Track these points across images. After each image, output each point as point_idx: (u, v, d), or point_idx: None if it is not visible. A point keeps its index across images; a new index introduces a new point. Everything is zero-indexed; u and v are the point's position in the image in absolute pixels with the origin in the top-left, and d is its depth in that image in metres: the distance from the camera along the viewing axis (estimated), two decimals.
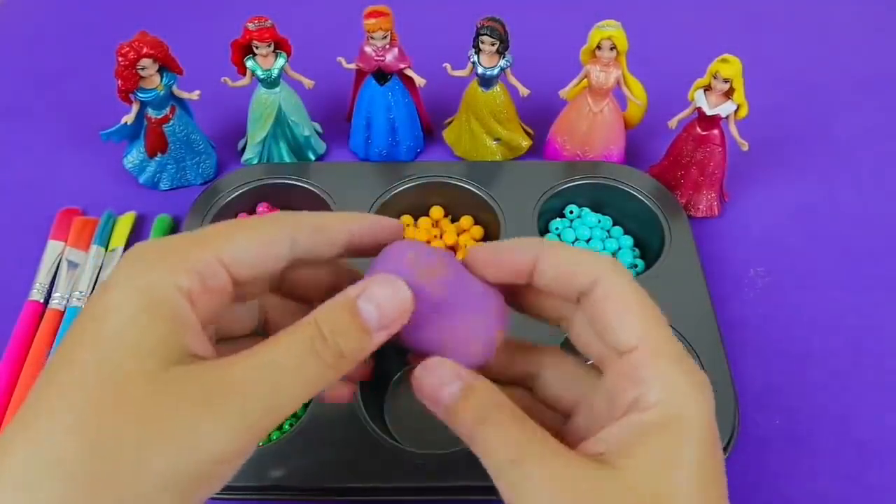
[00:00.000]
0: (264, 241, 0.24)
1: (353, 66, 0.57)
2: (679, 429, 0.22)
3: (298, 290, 0.29)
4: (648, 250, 0.54)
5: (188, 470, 0.21)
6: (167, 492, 0.20)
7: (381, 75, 0.57)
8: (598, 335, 0.25)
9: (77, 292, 0.51)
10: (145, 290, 0.22)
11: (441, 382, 0.25)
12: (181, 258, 0.23)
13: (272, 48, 0.55)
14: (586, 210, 0.56)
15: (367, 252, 0.28)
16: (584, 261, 0.25)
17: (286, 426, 0.46)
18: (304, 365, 0.23)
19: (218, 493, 0.42)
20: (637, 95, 0.56)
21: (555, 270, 0.26)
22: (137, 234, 0.57)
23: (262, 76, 0.56)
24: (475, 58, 0.55)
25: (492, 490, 0.24)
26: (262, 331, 0.29)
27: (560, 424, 0.28)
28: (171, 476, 0.20)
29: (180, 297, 0.22)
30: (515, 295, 0.28)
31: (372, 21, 0.53)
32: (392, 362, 0.48)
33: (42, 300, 0.51)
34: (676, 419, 0.22)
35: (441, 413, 0.25)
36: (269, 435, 0.45)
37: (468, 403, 0.24)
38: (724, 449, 0.42)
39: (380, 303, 0.24)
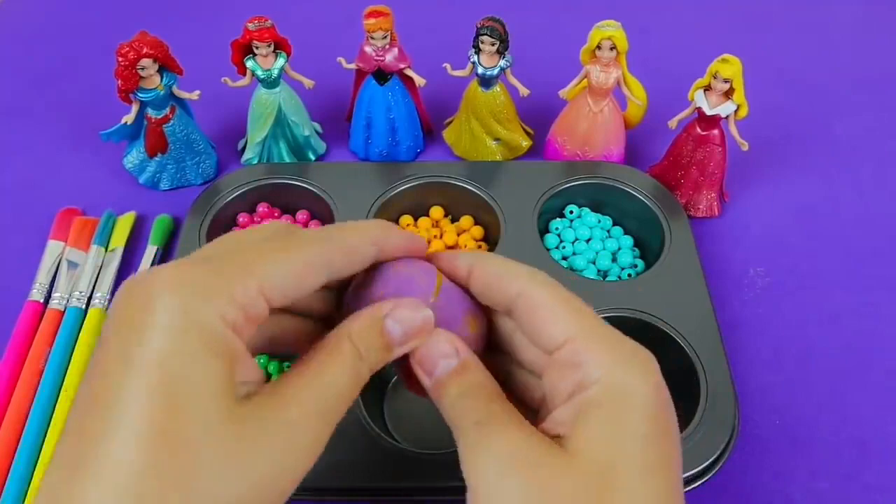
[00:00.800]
0: (303, 270, 0.25)
1: (353, 66, 0.57)
2: (623, 401, 0.24)
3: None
4: (648, 250, 0.54)
5: (267, 495, 0.22)
6: None
7: (381, 75, 0.57)
8: (531, 342, 0.27)
9: (77, 292, 0.51)
10: (199, 327, 0.21)
11: (440, 354, 0.26)
12: (222, 287, 0.22)
13: (272, 48, 0.55)
14: (586, 210, 0.56)
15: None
16: (507, 272, 0.27)
17: None
18: (352, 383, 0.25)
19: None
20: (637, 95, 0.56)
21: (482, 282, 0.28)
22: (137, 234, 0.57)
23: (262, 76, 0.56)
24: (475, 58, 0.55)
25: None
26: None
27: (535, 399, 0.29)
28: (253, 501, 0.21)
29: (227, 329, 0.22)
30: None
31: (372, 21, 0.53)
32: (391, 363, 0.48)
33: (42, 300, 0.51)
34: (619, 393, 0.24)
35: (428, 382, 0.27)
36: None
37: (459, 379, 0.26)
38: (724, 449, 0.42)
39: (405, 324, 0.26)
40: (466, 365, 0.26)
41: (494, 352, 0.30)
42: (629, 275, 0.53)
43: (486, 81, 0.57)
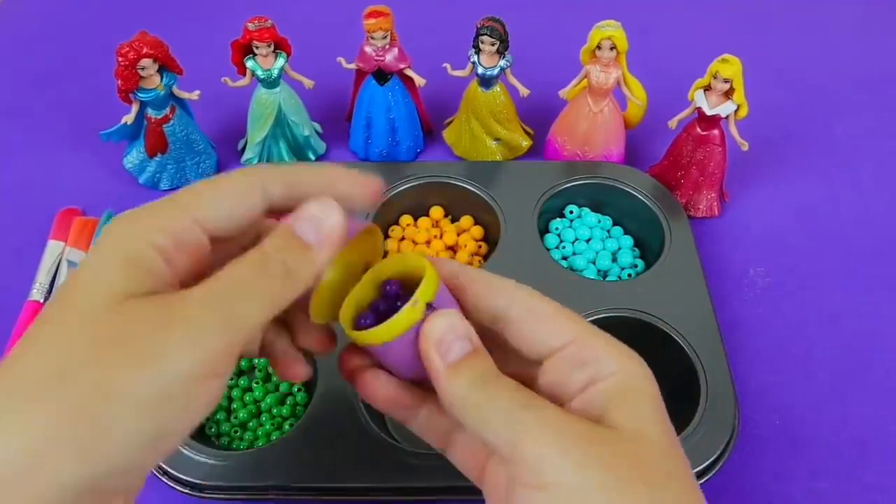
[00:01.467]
0: (233, 192, 0.25)
1: (353, 66, 0.57)
2: (640, 388, 0.25)
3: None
4: (648, 250, 0.54)
5: (158, 389, 0.21)
6: (140, 411, 0.21)
7: (381, 75, 0.57)
8: (525, 350, 0.27)
9: None
10: (119, 245, 0.23)
11: (457, 335, 0.26)
12: (154, 219, 0.24)
13: (272, 48, 0.55)
14: (586, 210, 0.56)
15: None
16: (496, 282, 0.28)
17: (286, 426, 0.46)
18: (255, 278, 0.24)
19: (218, 494, 0.42)
20: (637, 95, 0.56)
21: (473, 291, 0.28)
22: None
23: (262, 76, 0.56)
24: (475, 58, 0.55)
25: None
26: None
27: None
28: (143, 395, 0.21)
29: (153, 252, 0.23)
30: None
31: (372, 21, 0.53)
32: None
33: (42, 300, 0.51)
34: (635, 384, 0.25)
35: (442, 365, 0.25)
36: (269, 435, 0.45)
37: (472, 363, 0.25)
38: (724, 449, 0.42)
39: (313, 218, 0.26)
40: (479, 350, 0.26)
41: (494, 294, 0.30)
42: (629, 275, 0.53)
43: (486, 81, 0.57)
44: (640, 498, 0.22)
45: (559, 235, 0.55)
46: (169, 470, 0.41)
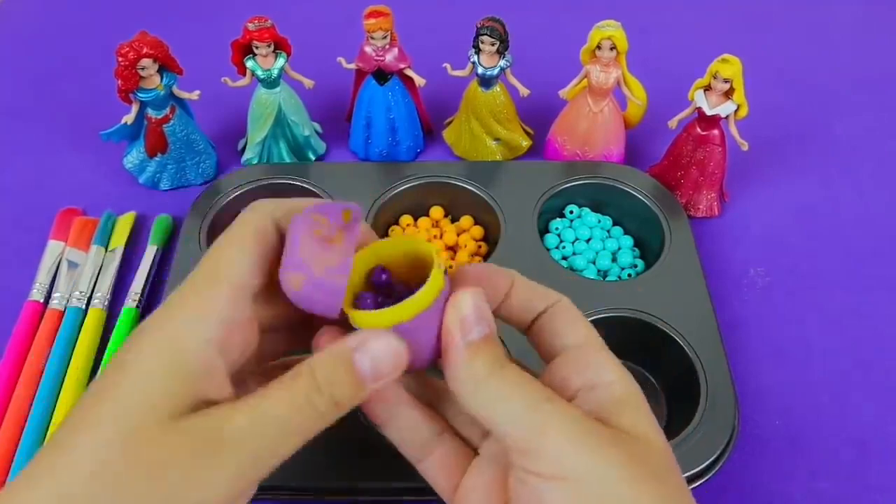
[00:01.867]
0: (254, 240, 0.26)
1: (353, 66, 0.57)
2: (636, 400, 0.27)
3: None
4: (648, 250, 0.54)
5: None
6: None
7: (381, 75, 0.57)
8: (549, 340, 0.28)
9: (77, 292, 0.51)
10: (170, 343, 0.23)
11: (478, 316, 0.26)
12: (200, 305, 0.24)
13: (272, 48, 0.55)
14: (586, 210, 0.56)
15: None
16: (544, 291, 0.29)
17: None
18: (299, 416, 0.24)
19: None
20: (637, 95, 0.56)
21: (523, 294, 0.29)
22: (137, 234, 0.57)
23: (262, 76, 0.56)
24: (475, 58, 0.55)
25: None
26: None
27: None
28: None
29: (206, 347, 0.23)
30: None
31: (372, 21, 0.53)
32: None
33: (42, 300, 0.51)
34: (633, 393, 0.27)
35: (457, 345, 0.25)
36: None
37: (488, 348, 0.25)
38: (724, 449, 0.42)
39: (375, 356, 0.25)
40: (496, 336, 0.26)
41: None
42: (629, 275, 0.53)
43: (486, 81, 0.57)
44: (651, 492, 0.24)
45: (559, 235, 0.55)
46: None
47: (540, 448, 0.24)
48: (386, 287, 0.27)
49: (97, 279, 0.52)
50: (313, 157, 0.62)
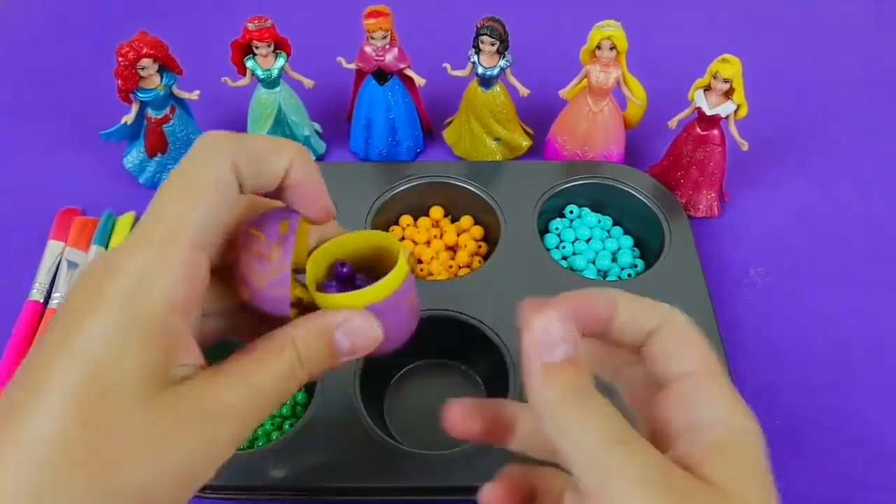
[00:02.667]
0: (213, 196, 0.24)
1: (353, 66, 0.57)
2: (742, 445, 0.24)
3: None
4: (648, 250, 0.54)
5: (178, 488, 0.22)
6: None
7: (381, 75, 0.57)
8: (660, 366, 0.26)
9: None
10: (134, 317, 0.22)
11: (560, 337, 0.24)
12: (162, 270, 0.22)
13: (272, 48, 0.55)
14: (586, 210, 0.56)
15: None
16: (651, 306, 0.26)
17: (286, 426, 0.46)
18: (283, 388, 0.24)
19: (218, 494, 0.42)
20: (637, 95, 0.56)
21: (629, 314, 0.26)
22: None
23: (262, 76, 0.56)
24: (475, 58, 0.55)
25: None
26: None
27: None
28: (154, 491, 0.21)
29: (173, 314, 0.22)
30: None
31: (372, 21, 0.53)
32: (391, 362, 0.48)
33: (42, 300, 0.51)
34: (738, 437, 0.24)
35: (533, 368, 0.24)
36: (270, 435, 0.45)
37: (574, 370, 0.23)
38: None
39: (355, 334, 0.25)
40: (580, 361, 0.23)
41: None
42: (629, 275, 0.53)
43: (486, 81, 0.57)
44: None
45: (559, 235, 0.55)
46: None
47: (603, 492, 0.22)
48: (347, 278, 0.28)
49: None
50: (313, 157, 0.61)
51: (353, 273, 0.28)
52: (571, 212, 0.56)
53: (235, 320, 0.28)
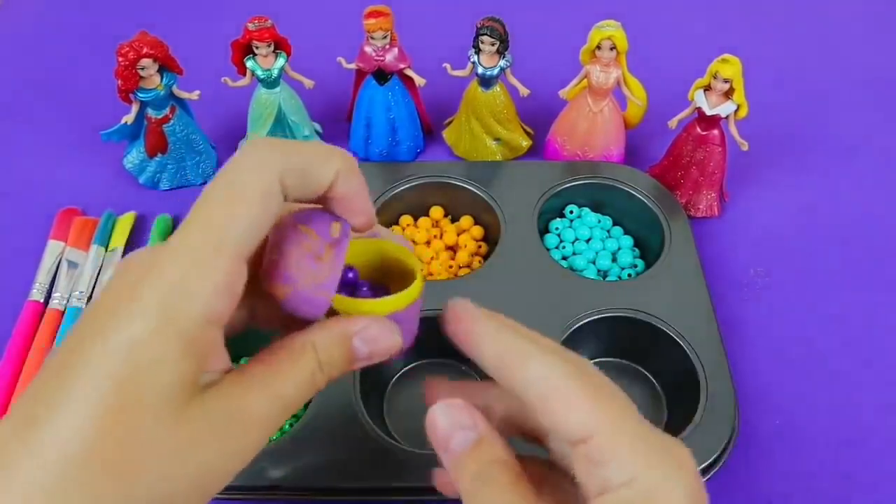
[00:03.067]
0: (257, 208, 0.23)
1: (353, 66, 0.57)
2: (656, 500, 0.22)
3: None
4: (648, 250, 0.54)
5: (199, 493, 0.23)
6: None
7: (381, 75, 0.57)
8: (551, 434, 0.26)
9: (77, 292, 0.51)
10: (177, 328, 0.21)
11: (456, 426, 0.25)
12: (201, 280, 0.22)
13: (272, 48, 0.55)
14: (586, 210, 0.56)
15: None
16: (519, 349, 0.25)
17: (286, 426, 0.46)
18: (304, 393, 0.25)
19: (218, 494, 0.42)
20: (637, 95, 0.56)
21: (497, 361, 0.25)
22: (137, 234, 0.57)
23: (262, 76, 0.56)
24: (475, 58, 0.55)
25: None
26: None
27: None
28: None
29: (210, 329, 0.22)
30: None
31: (372, 21, 0.53)
32: (392, 363, 0.48)
33: (42, 300, 0.51)
34: (654, 497, 0.22)
35: (445, 458, 0.25)
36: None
37: (475, 455, 0.25)
38: (724, 449, 0.42)
39: (375, 344, 0.26)
40: (485, 440, 0.25)
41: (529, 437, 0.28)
42: (629, 275, 0.53)
43: (486, 81, 0.57)
44: None
45: (559, 235, 0.55)
46: None
47: None
48: (352, 284, 0.27)
49: (97, 279, 0.52)
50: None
51: (358, 280, 0.27)
52: (571, 212, 0.56)
53: (257, 310, 0.28)
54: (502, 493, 0.24)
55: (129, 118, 0.55)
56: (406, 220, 0.56)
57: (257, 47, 0.54)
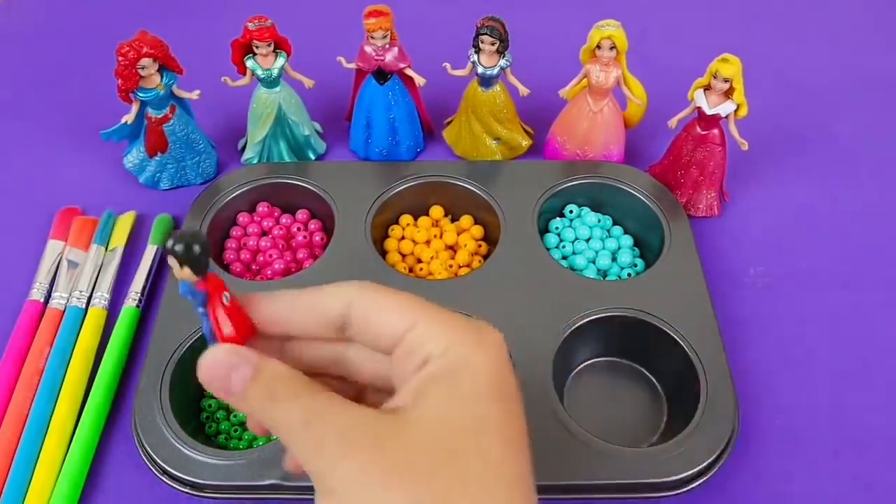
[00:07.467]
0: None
1: (353, 65, 0.57)
2: (460, 370, 0.24)
3: None
4: (648, 250, 0.54)
5: None
6: None
7: (382, 75, 0.57)
8: (373, 349, 0.26)
9: (77, 292, 0.51)
10: None
11: (230, 367, 0.25)
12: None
13: (272, 48, 0.55)
14: (586, 210, 0.56)
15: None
16: (330, 291, 0.26)
17: None
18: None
19: (218, 494, 0.42)
20: (637, 95, 0.56)
21: (300, 314, 0.27)
22: (137, 233, 0.57)
23: (262, 76, 0.56)
24: (475, 57, 0.55)
25: None
26: None
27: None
28: None
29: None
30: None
31: (372, 21, 0.53)
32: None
33: (42, 299, 0.51)
34: (457, 364, 0.24)
35: (232, 401, 0.25)
36: (269, 435, 0.45)
37: (257, 384, 0.24)
38: (724, 449, 0.42)
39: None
40: (261, 366, 0.25)
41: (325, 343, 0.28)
42: (629, 274, 0.53)
43: (486, 81, 0.57)
44: (398, 497, 0.22)
45: (559, 235, 0.55)
46: (169, 469, 0.41)
47: (317, 473, 0.23)
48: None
49: (97, 279, 0.52)
50: (313, 157, 0.62)
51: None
52: (571, 211, 0.56)
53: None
54: (296, 399, 0.24)
55: (129, 118, 0.55)
56: (406, 219, 0.56)
57: (257, 47, 0.54)
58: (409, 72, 0.57)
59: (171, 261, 0.24)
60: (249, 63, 0.55)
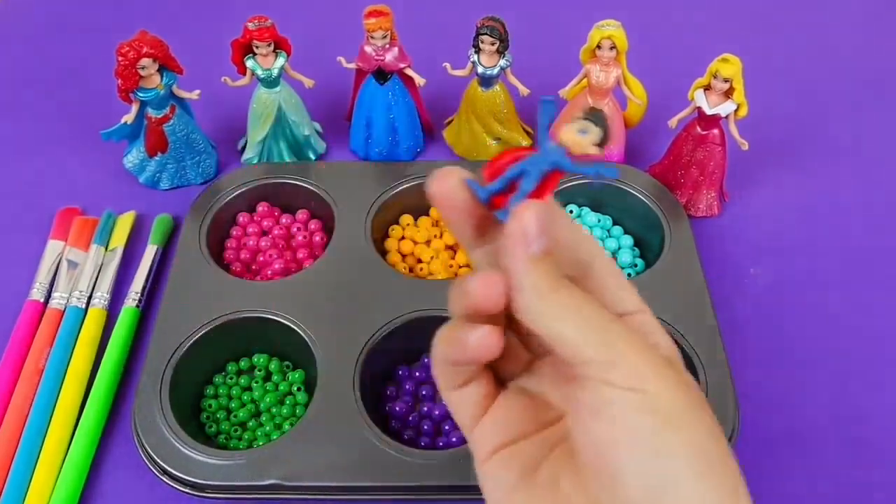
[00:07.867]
0: None
1: (353, 65, 0.57)
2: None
3: None
4: (648, 250, 0.54)
5: None
6: None
7: (382, 75, 0.57)
8: (604, 301, 0.27)
9: (77, 291, 0.51)
10: None
11: (540, 231, 0.25)
12: None
13: (272, 48, 0.55)
14: (586, 210, 0.56)
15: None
16: (584, 239, 0.28)
17: (286, 426, 0.46)
18: None
19: (218, 494, 0.42)
20: (637, 95, 0.56)
21: (570, 236, 0.28)
22: (137, 233, 0.57)
23: (262, 76, 0.56)
24: (475, 57, 0.55)
25: None
26: None
27: None
28: None
29: None
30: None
31: (372, 21, 0.53)
32: (391, 363, 0.48)
33: (42, 299, 0.51)
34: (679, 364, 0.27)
35: (520, 259, 0.24)
36: (269, 435, 0.45)
37: (549, 263, 0.25)
38: None
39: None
40: (553, 253, 0.25)
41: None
42: (629, 274, 0.53)
43: (486, 81, 0.57)
44: (706, 418, 0.25)
45: None
46: (169, 469, 0.41)
47: (616, 360, 0.24)
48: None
49: (97, 279, 0.52)
50: (313, 157, 0.62)
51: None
52: (571, 212, 0.56)
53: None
54: (583, 292, 0.25)
55: (129, 118, 0.55)
56: (406, 219, 0.56)
57: (257, 47, 0.54)
58: (409, 72, 0.57)
59: (583, 124, 0.25)
60: (249, 63, 0.55)
